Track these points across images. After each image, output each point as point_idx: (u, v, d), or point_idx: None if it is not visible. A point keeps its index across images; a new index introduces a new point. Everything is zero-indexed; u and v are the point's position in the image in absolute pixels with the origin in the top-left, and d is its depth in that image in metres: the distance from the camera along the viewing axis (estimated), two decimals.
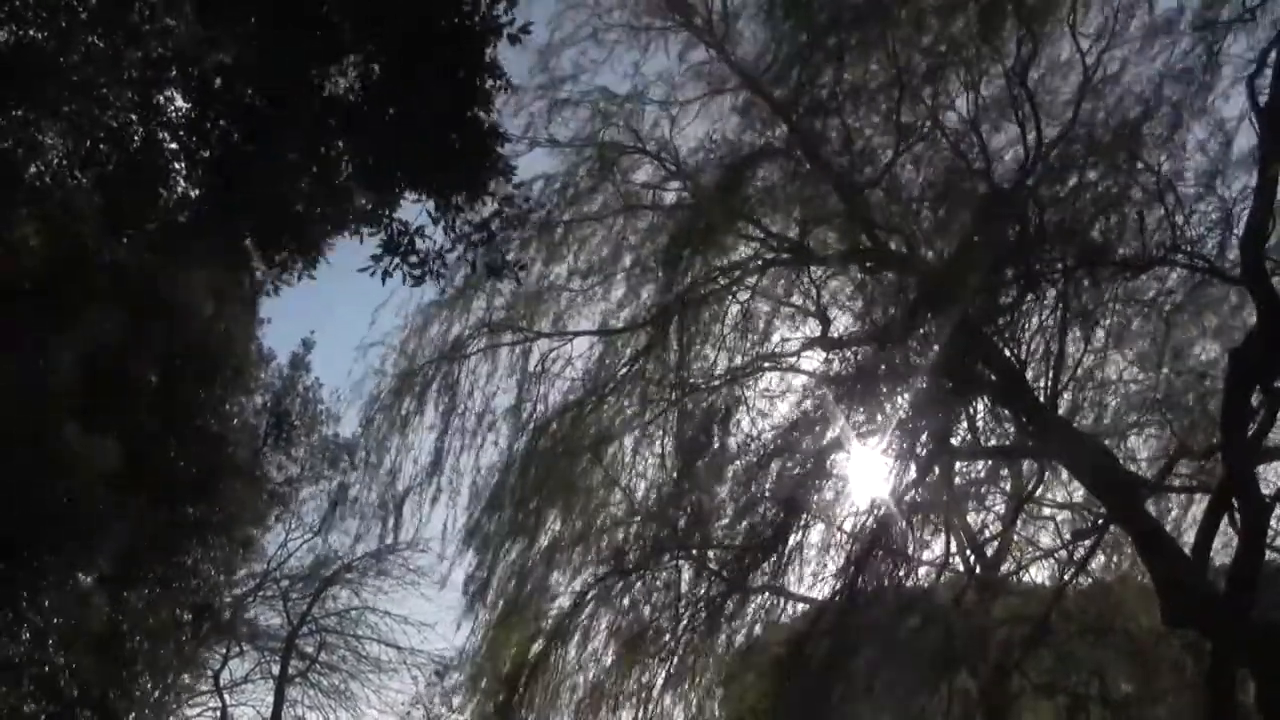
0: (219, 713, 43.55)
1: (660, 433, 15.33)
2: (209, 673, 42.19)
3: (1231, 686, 12.85)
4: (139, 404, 20.19)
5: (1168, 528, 15.50)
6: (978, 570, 17.78)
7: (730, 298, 16.39)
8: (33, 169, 11.89)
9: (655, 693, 14.64)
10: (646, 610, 14.73)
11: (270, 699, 43.56)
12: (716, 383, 15.05)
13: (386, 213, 10.78)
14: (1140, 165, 14.48)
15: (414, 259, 10.69)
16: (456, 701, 16.18)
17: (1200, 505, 14.91)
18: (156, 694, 22.95)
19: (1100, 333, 15.36)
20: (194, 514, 21.39)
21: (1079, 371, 15.56)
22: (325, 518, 21.60)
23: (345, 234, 11.04)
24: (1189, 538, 13.96)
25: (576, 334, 15.95)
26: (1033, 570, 19.98)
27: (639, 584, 14.88)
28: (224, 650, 41.71)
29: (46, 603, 18.54)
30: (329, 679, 44.49)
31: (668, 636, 14.54)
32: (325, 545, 43.87)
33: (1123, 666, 19.67)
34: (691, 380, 15.04)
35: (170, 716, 31.22)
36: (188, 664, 23.43)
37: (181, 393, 21.23)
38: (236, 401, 23.12)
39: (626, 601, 14.60)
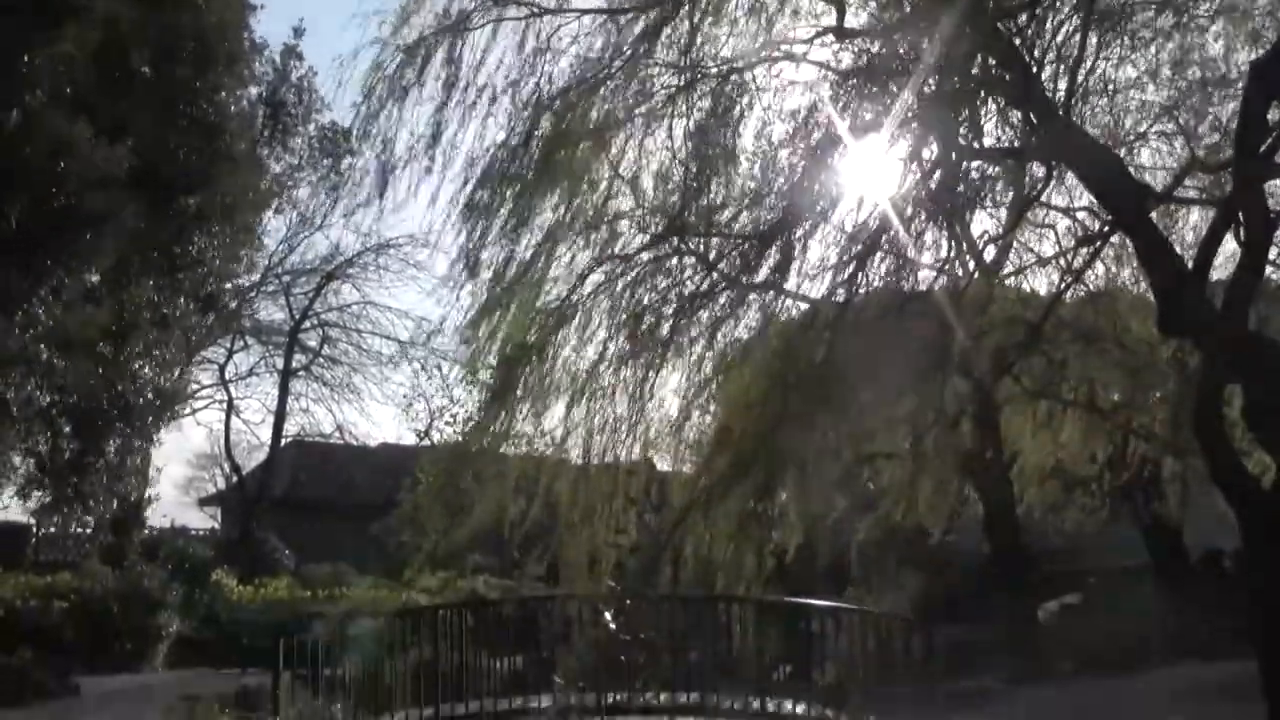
0: (225, 405, 44.70)
1: (666, 120, 14.93)
2: (215, 366, 43.10)
3: (1219, 398, 13.02)
4: (134, 95, 19.90)
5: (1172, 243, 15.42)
6: (977, 274, 17.84)
7: None
8: None
9: (652, 385, 14.82)
10: (646, 299, 14.72)
11: (275, 392, 44.64)
12: (727, 69, 14.60)
13: None
14: None
15: None
16: (453, 377, 16.19)
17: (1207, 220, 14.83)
18: (167, 385, 23.35)
19: (1122, 37, 14.96)
20: (194, 204, 21.36)
21: (1096, 77, 15.23)
22: (325, 203, 21.38)
23: None
24: (1193, 255, 13.89)
25: (584, 11, 15.35)
26: (1031, 279, 20.10)
27: (638, 272, 14.82)
28: (228, 344, 42.49)
29: (51, 298, 18.66)
30: (332, 372, 45.53)
31: (666, 328, 14.60)
32: (325, 239, 44.00)
33: (1113, 375, 19.96)
34: (702, 66, 14.59)
35: (180, 406, 31.96)
36: (195, 355, 23.70)
37: (176, 83, 20.90)
38: (232, 92, 22.81)
39: (625, 289, 14.56)
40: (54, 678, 19.64)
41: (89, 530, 33.82)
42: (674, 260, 15.18)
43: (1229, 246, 13.71)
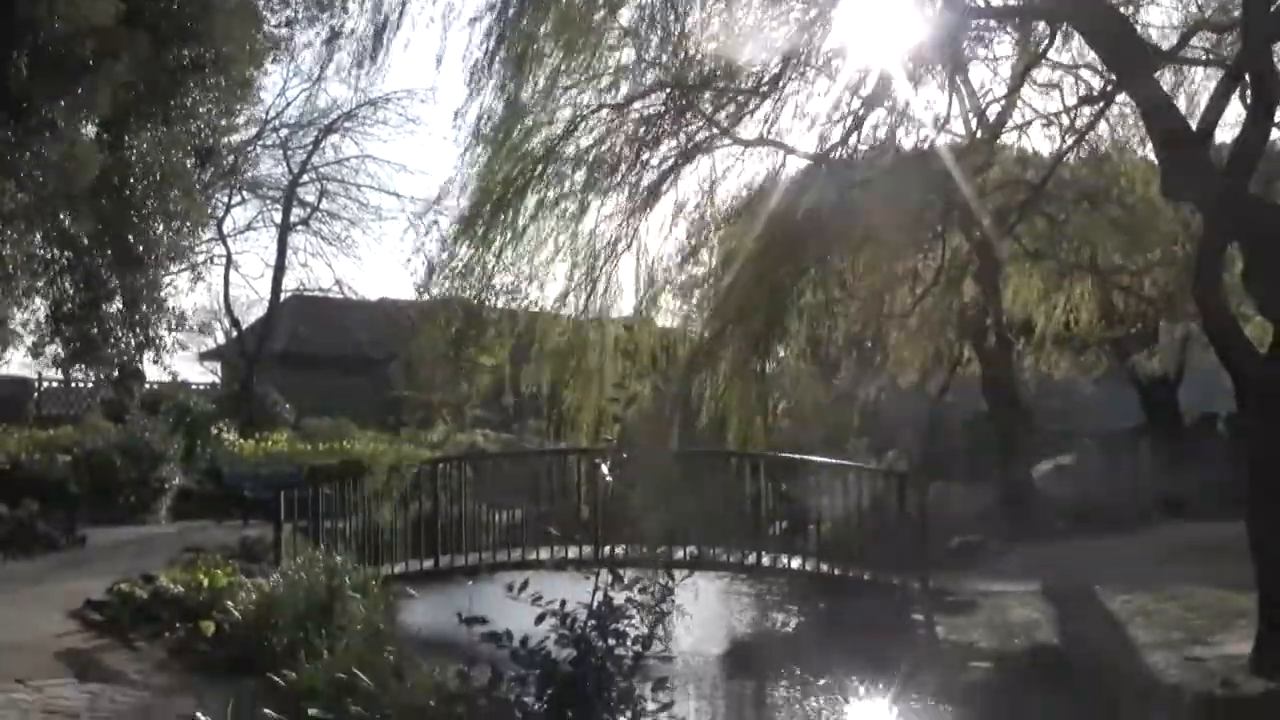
0: (224, 259, 44.61)
1: None
2: (214, 219, 42.87)
3: (1219, 260, 12.98)
4: None
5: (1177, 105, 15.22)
6: (979, 133, 17.68)
7: None
8: None
9: (645, 239, 14.74)
10: (644, 152, 14.53)
11: (273, 246, 44.48)
12: None
13: None
14: None
15: None
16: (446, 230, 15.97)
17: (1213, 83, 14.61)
18: (167, 237, 23.23)
19: None
20: (188, 56, 21.04)
21: None
22: (323, 57, 20.92)
23: None
24: (1198, 118, 13.71)
25: None
26: (1034, 140, 19.92)
27: (631, 121, 14.59)
28: (227, 198, 42.22)
29: (48, 153, 18.47)
30: (330, 227, 45.25)
31: (666, 182, 14.47)
32: (323, 94, 43.47)
33: (1115, 237, 19.88)
34: None
35: (183, 257, 31.78)
36: (194, 208, 23.52)
37: None
38: None
39: (624, 141, 14.36)
40: (60, 530, 19.87)
41: (90, 385, 34.04)
42: (671, 112, 14.94)
43: (1234, 110, 13.58)
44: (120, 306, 22.32)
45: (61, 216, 19.55)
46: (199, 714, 8.15)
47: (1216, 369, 15.16)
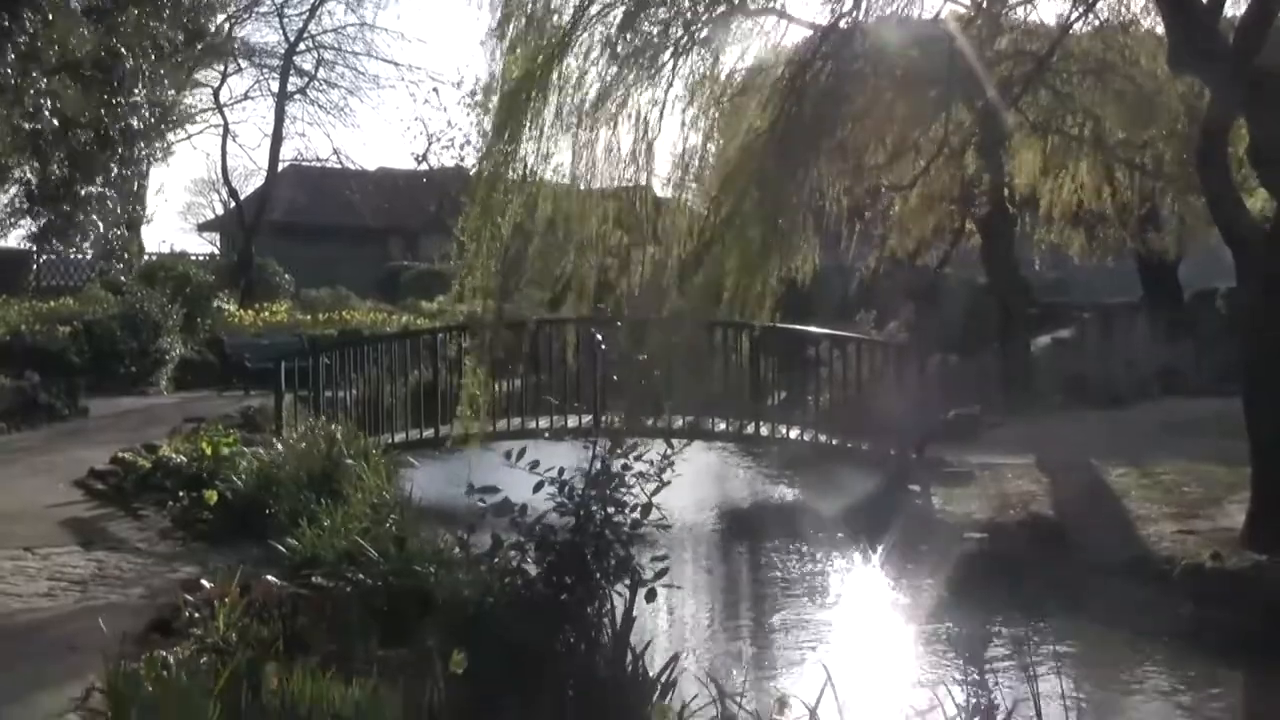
0: (221, 130, 44.22)
1: None
2: (209, 89, 42.44)
3: (1225, 136, 12.86)
4: None
5: None
6: (985, 3, 17.38)
7: None
8: None
9: (654, 114, 14.56)
10: (646, 27, 14.27)
11: (271, 116, 44.10)
12: None
13: None
14: None
15: None
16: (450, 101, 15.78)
17: None
18: (154, 116, 23.04)
19: None
20: None
21: None
22: None
23: None
24: None
25: None
26: (1041, 11, 19.62)
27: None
28: (222, 68, 41.71)
29: (31, 26, 18.20)
30: (327, 95, 44.86)
31: (667, 54, 14.25)
32: None
33: (1120, 111, 19.65)
34: None
35: (174, 131, 31.59)
36: (186, 85, 23.27)
37: None
38: None
39: (626, 13, 14.10)
40: (62, 401, 19.98)
41: (89, 256, 33.97)
42: None
43: None
44: (101, 184, 22.18)
45: (46, 88, 19.30)
46: (203, 580, 8.26)
47: (1217, 247, 15.12)
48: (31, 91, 19.46)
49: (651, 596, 6.53)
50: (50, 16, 18.10)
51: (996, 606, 10.94)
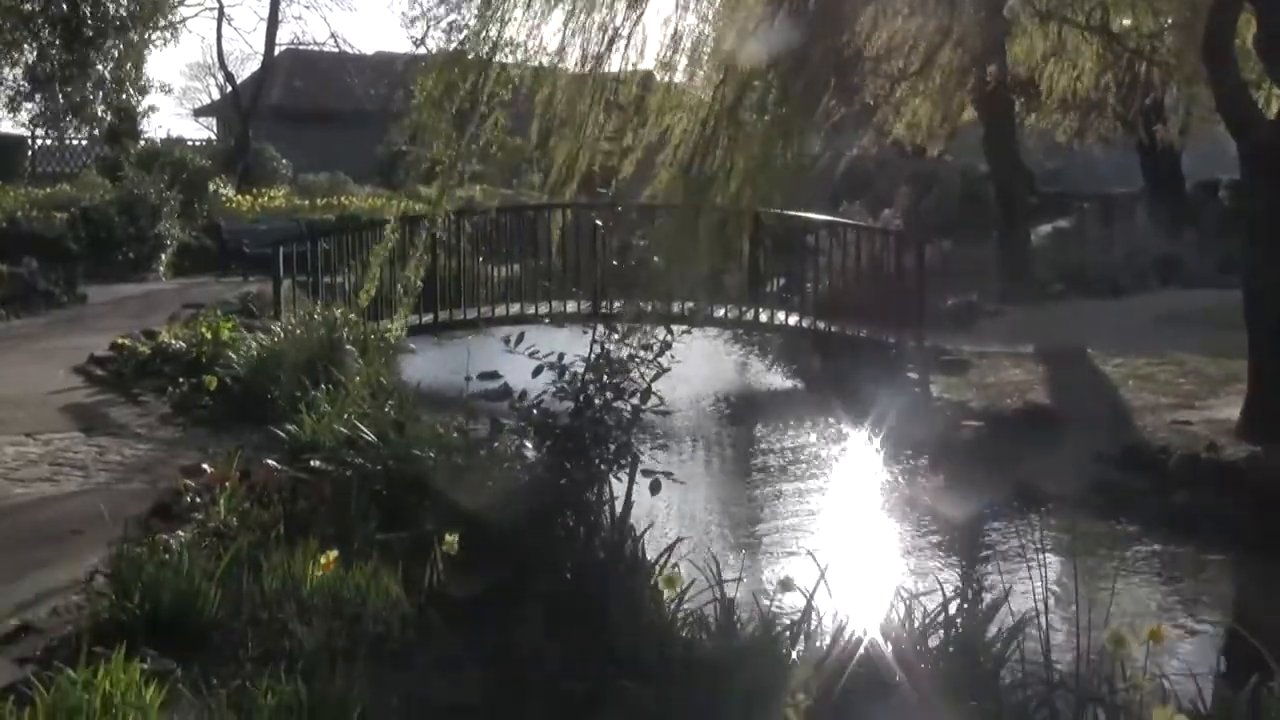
0: (217, 12, 43.62)
1: None
2: None
3: (1233, 26, 12.69)
4: None
5: None
6: None
7: None
8: None
9: None
10: None
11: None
12: None
13: None
14: None
15: None
16: None
17: None
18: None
19: None
20: None
21: None
22: None
23: None
24: None
25: None
26: None
27: None
28: None
29: None
30: None
31: None
32: None
33: None
34: None
35: (170, 14, 31.12)
36: None
37: None
38: None
39: None
40: (61, 287, 19.95)
41: (85, 142, 33.68)
42: None
43: None
44: (100, 68, 21.86)
45: None
46: (204, 465, 8.30)
47: (1220, 139, 15.00)
48: None
49: (656, 488, 6.50)
50: None
51: (993, 494, 11.01)
